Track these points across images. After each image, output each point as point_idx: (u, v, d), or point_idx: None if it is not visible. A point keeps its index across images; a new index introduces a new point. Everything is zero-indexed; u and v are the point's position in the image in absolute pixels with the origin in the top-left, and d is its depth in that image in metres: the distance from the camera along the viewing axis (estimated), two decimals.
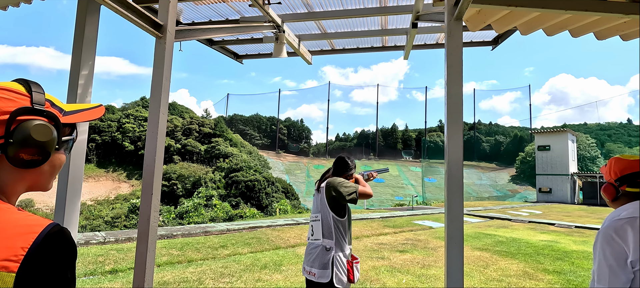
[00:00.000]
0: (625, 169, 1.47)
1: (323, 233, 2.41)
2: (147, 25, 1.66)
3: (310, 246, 2.50)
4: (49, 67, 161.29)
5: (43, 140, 0.68)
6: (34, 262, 0.59)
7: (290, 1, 3.20)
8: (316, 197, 2.57)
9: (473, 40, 4.00)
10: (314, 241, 2.48)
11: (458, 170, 1.44)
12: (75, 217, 2.54)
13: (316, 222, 2.48)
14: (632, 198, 1.46)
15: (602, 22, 2.61)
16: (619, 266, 1.30)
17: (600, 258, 1.35)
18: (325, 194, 2.46)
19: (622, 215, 1.37)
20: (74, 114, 0.78)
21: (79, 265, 5.32)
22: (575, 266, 6.54)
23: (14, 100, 0.68)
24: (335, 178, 2.51)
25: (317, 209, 2.51)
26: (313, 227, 2.51)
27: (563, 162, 30.38)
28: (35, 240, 0.61)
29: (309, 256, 2.45)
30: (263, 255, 6.60)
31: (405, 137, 70.91)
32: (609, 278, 1.31)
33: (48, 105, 0.73)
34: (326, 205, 2.44)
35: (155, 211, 1.70)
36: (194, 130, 41.93)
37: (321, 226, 2.43)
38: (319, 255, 2.38)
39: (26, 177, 0.72)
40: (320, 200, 2.49)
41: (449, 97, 1.49)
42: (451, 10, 1.54)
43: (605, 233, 1.36)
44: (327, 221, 2.43)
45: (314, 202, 2.59)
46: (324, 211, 2.44)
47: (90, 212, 27.61)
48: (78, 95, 2.50)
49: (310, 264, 2.41)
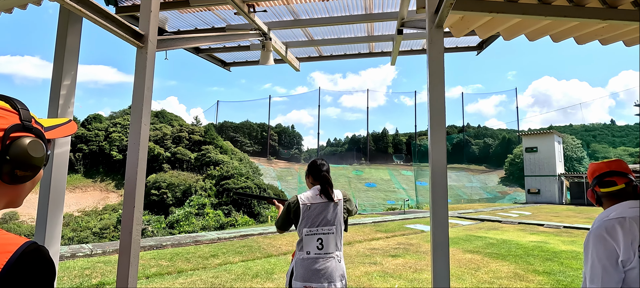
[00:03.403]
0: (594, 172, 1.53)
1: (337, 245, 2.29)
2: (127, 35, 1.64)
3: (320, 261, 2.25)
4: (33, 77, 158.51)
5: (37, 157, 0.70)
6: (8, 283, 0.57)
7: (276, 9, 3.20)
8: (326, 208, 2.31)
9: (458, 45, 4.06)
10: (324, 255, 2.25)
11: (442, 176, 1.45)
12: (58, 231, 2.48)
13: (329, 235, 2.28)
14: (614, 199, 1.49)
15: (581, 27, 2.68)
16: (611, 266, 1.31)
17: (593, 258, 1.36)
18: (343, 207, 2.34)
19: (611, 215, 1.39)
20: (52, 129, 0.79)
21: (64, 279, 5.18)
22: (564, 266, 6.63)
23: (5, 118, 0.68)
24: (346, 193, 2.43)
25: (330, 221, 2.29)
26: (323, 240, 2.27)
27: (550, 163, 30.94)
28: (8, 260, 0.59)
29: (323, 272, 2.22)
30: (254, 264, 6.52)
31: (395, 141, 71.34)
32: (602, 278, 1.31)
33: (33, 122, 0.73)
34: (342, 217, 2.32)
35: (137, 224, 1.66)
36: (184, 138, 41.49)
37: (335, 238, 2.29)
38: (336, 268, 2.25)
39: (7, 194, 0.71)
40: (337, 212, 2.31)
41: (432, 103, 1.50)
42: (432, 18, 1.56)
43: (596, 233, 1.37)
44: (340, 233, 2.32)
45: (320, 212, 2.31)
46: (339, 223, 2.31)
47: (78, 224, 27.01)
48: (60, 105, 2.45)
49: (331, 279, 2.21)
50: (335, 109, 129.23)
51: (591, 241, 1.38)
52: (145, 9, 1.79)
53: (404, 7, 2.77)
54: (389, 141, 71.17)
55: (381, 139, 71.49)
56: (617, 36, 2.83)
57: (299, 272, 2.23)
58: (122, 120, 43.90)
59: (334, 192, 2.35)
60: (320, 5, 3.17)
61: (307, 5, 3.18)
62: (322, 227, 2.28)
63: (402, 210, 21.83)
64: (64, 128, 0.82)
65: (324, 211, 2.29)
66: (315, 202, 2.31)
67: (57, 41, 2.45)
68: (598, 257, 1.34)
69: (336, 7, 3.20)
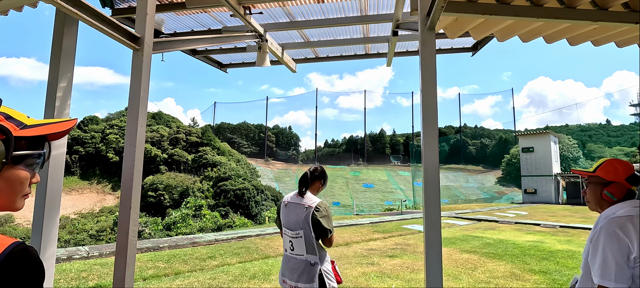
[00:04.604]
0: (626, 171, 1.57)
1: (306, 249, 2.31)
2: (123, 37, 1.66)
3: (292, 260, 2.36)
4: (29, 78, 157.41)
5: None
6: None
7: (272, 11, 3.22)
8: (296, 210, 2.36)
9: (453, 46, 4.09)
10: (295, 256, 2.35)
11: (435, 176, 1.47)
12: (54, 233, 2.48)
13: (298, 239, 2.32)
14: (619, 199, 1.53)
15: (573, 28, 2.71)
16: (624, 262, 1.32)
17: (605, 254, 1.35)
18: (312, 217, 2.31)
19: (619, 213, 1.41)
20: (32, 127, 0.74)
21: (61, 282, 5.16)
22: (560, 265, 6.67)
23: None
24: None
25: (297, 225, 2.33)
26: (293, 243, 2.34)
27: (547, 163, 31.09)
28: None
29: (293, 271, 2.33)
30: (252, 265, 6.52)
31: (393, 142, 71.44)
32: (616, 274, 1.31)
33: (1, 119, 0.70)
34: (310, 227, 2.31)
35: (134, 225, 1.67)
36: (181, 140, 41.38)
37: (304, 243, 2.31)
38: (305, 270, 2.30)
39: None
40: (303, 219, 2.32)
41: (424, 104, 1.52)
42: (424, 20, 1.58)
43: (608, 230, 1.37)
44: (310, 240, 2.31)
45: (291, 214, 2.38)
46: (307, 230, 2.30)
47: (74, 226, 26.84)
48: (56, 107, 2.46)
49: (296, 279, 2.30)
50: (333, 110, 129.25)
51: (603, 237, 1.38)
52: (141, 11, 1.80)
53: (399, 9, 2.79)
54: (386, 142, 71.25)
55: (379, 139, 71.57)
56: (609, 37, 2.87)
57: (281, 266, 2.48)
58: (118, 122, 43.72)
59: (311, 202, 2.35)
60: (316, 7, 3.19)
61: (303, 7, 3.20)
62: (291, 229, 2.37)
63: (400, 210, 21.87)
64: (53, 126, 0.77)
65: (294, 214, 2.37)
66: (289, 202, 2.46)
67: (53, 43, 2.45)
68: (611, 253, 1.33)
69: (332, 8, 3.22)
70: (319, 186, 2.53)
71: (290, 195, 2.49)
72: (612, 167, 1.59)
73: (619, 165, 1.59)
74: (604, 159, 1.65)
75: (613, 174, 1.57)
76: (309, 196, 2.41)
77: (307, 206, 2.34)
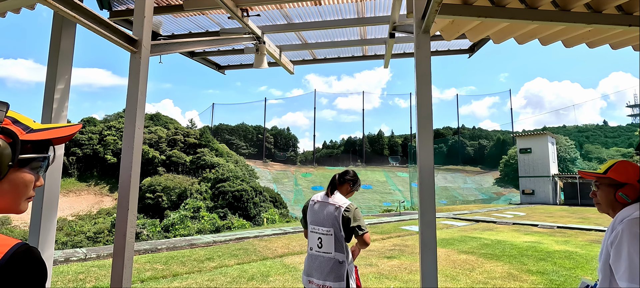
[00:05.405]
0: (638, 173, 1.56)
1: (335, 247, 2.34)
2: (121, 40, 1.66)
3: (319, 259, 2.38)
4: (27, 80, 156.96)
5: None
6: None
7: (269, 13, 3.24)
8: (326, 208, 2.41)
9: (450, 48, 4.11)
10: (323, 254, 2.37)
11: (430, 178, 1.48)
12: (52, 235, 2.48)
13: (328, 236, 2.36)
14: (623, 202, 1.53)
15: (568, 31, 2.74)
16: None
17: (632, 257, 1.32)
18: (343, 217, 2.35)
19: (636, 214, 1.39)
20: (38, 131, 0.76)
21: (58, 284, 5.15)
22: (557, 266, 6.70)
23: None
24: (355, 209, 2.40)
25: (328, 223, 2.37)
26: (322, 240, 2.38)
27: (544, 164, 31.20)
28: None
29: (320, 270, 2.35)
30: (250, 267, 6.52)
31: (391, 143, 71.51)
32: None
33: (8, 122, 0.71)
34: (340, 225, 2.35)
35: (131, 227, 1.68)
36: (179, 141, 41.28)
37: (334, 241, 2.35)
38: (334, 268, 2.33)
39: None
40: (334, 217, 2.36)
41: (419, 106, 1.54)
42: (419, 23, 1.60)
43: (631, 231, 1.34)
44: (339, 238, 2.35)
45: (320, 211, 2.43)
46: (337, 228, 2.35)
47: (72, 228, 26.73)
48: (54, 109, 2.46)
49: (324, 277, 2.32)
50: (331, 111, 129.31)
51: (626, 240, 1.34)
52: (139, 14, 1.81)
53: (395, 11, 2.81)
54: (384, 143, 71.30)
55: (377, 140, 71.62)
56: (603, 39, 2.90)
57: (304, 266, 2.46)
58: (116, 124, 43.58)
59: (343, 203, 2.39)
60: (313, 9, 3.20)
61: (301, 9, 3.21)
62: (321, 226, 2.40)
63: (398, 211, 21.88)
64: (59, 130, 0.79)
65: (325, 212, 2.40)
66: (320, 201, 2.47)
67: (51, 44, 2.45)
68: (638, 254, 1.30)
69: (329, 11, 3.24)
70: (348, 189, 2.55)
71: (319, 195, 2.54)
72: (624, 168, 1.57)
73: (630, 167, 1.57)
74: (614, 160, 1.63)
75: (626, 176, 1.54)
76: (338, 196, 2.45)
77: (337, 205, 2.39)
